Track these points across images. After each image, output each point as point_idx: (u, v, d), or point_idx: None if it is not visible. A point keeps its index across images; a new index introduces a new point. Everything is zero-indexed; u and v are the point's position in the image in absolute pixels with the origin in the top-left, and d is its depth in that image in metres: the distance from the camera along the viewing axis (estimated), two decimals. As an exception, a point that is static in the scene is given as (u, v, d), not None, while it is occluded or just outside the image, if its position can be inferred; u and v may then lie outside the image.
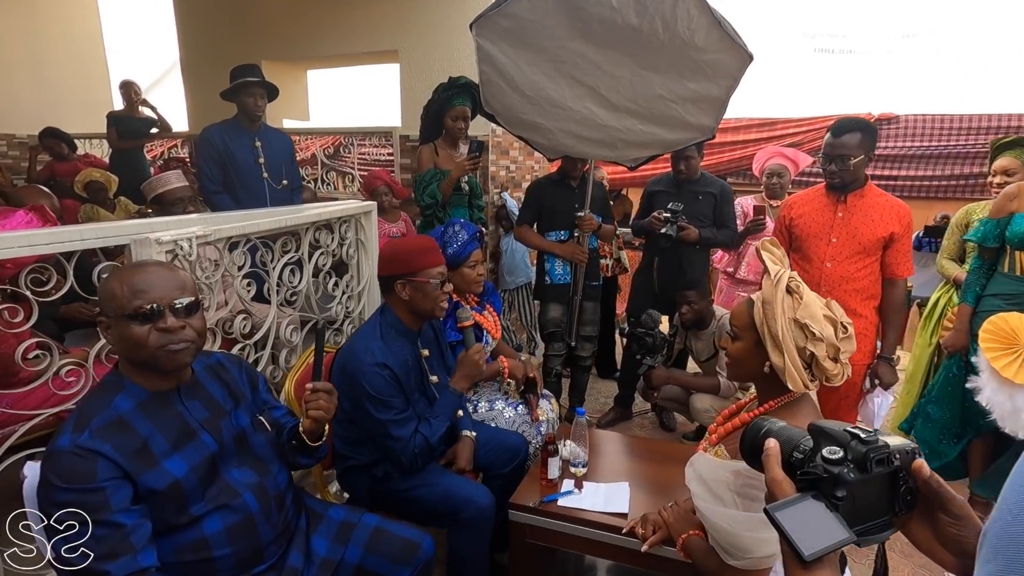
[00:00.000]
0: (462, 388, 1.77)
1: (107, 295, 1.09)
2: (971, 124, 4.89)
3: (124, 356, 1.13)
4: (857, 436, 0.60)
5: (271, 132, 3.12)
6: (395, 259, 1.73)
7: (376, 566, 1.36)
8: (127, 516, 1.02)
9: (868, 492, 0.58)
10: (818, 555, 0.52)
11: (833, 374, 1.16)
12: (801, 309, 1.16)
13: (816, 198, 2.25)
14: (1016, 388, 1.99)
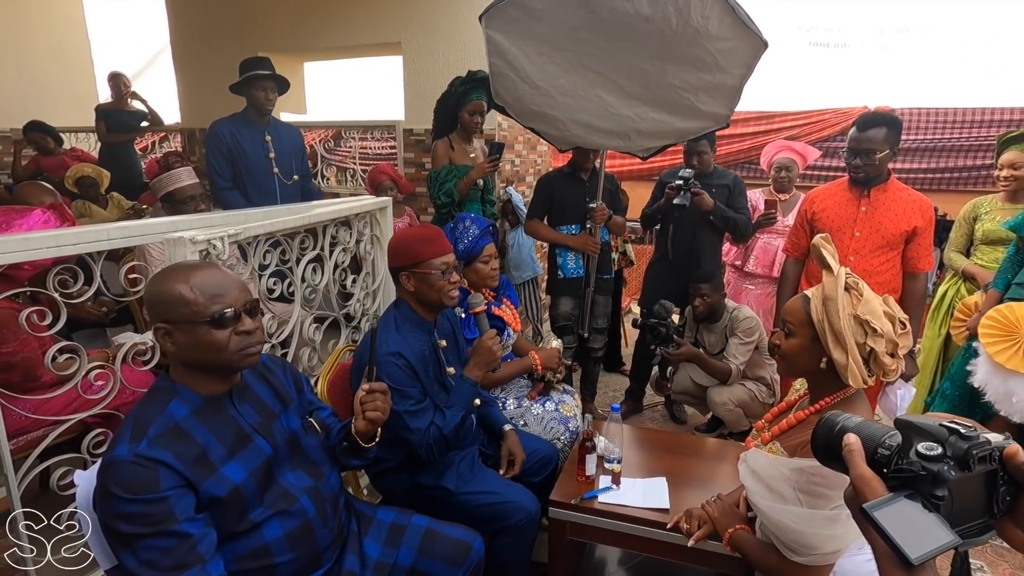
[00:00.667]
0: (476, 376, 1.72)
1: (174, 301, 1.05)
2: (965, 118, 4.99)
3: (193, 361, 1.09)
4: (957, 432, 0.55)
5: (281, 126, 3.06)
6: (397, 251, 1.71)
7: (430, 567, 1.35)
8: (192, 525, 0.99)
9: (967, 492, 0.55)
10: (925, 559, 0.49)
11: (891, 369, 1.18)
12: (862, 306, 1.16)
13: (839, 192, 2.27)
14: (1010, 374, 2.06)
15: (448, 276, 1.69)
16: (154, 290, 1.08)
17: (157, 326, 1.07)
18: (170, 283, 1.07)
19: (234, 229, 1.65)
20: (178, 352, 1.08)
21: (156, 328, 1.07)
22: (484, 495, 1.67)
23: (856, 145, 2.11)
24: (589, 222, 2.85)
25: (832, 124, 5.45)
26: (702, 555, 1.54)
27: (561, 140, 2.69)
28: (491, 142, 2.82)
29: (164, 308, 1.06)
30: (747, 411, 2.69)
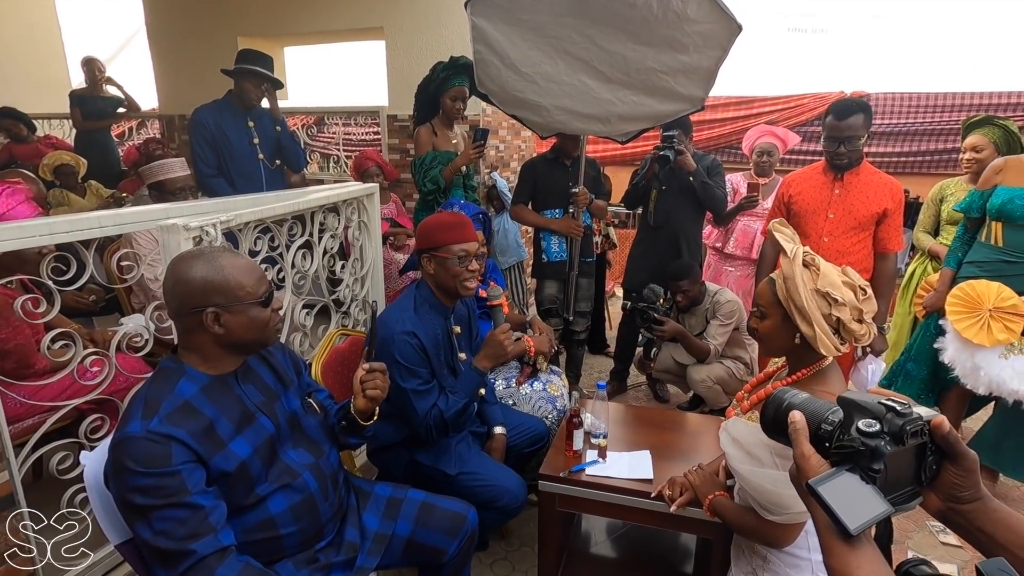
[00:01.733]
0: (485, 368, 1.79)
1: (231, 285, 1.12)
2: (936, 102, 5.12)
3: (238, 340, 1.16)
4: (893, 409, 0.59)
5: (264, 112, 3.04)
6: (423, 233, 1.76)
7: (426, 538, 1.41)
8: (204, 497, 1.04)
9: (899, 463, 0.59)
10: (862, 528, 0.53)
11: (861, 334, 1.25)
12: (820, 279, 1.23)
13: (813, 176, 2.36)
14: (977, 348, 2.18)
15: (466, 264, 1.73)
16: (203, 276, 1.11)
17: (207, 310, 1.11)
18: (222, 269, 1.13)
19: (225, 216, 1.67)
20: (226, 333, 1.13)
21: (205, 313, 1.11)
22: (476, 477, 1.74)
23: (838, 133, 2.19)
24: (572, 206, 2.91)
25: (810, 109, 5.55)
26: (684, 521, 1.63)
27: (543, 127, 2.73)
28: (476, 128, 2.84)
29: (214, 293, 1.11)
30: (725, 388, 2.79)
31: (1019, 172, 2.22)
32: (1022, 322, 2.12)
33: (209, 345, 1.14)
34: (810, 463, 0.60)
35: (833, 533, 0.54)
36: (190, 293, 1.11)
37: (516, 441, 2.00)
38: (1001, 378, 2.13)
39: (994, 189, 2.27)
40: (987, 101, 4.91)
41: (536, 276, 3.22)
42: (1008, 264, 2.23)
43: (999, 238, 2.26)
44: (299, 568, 1.20)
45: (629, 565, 2.03)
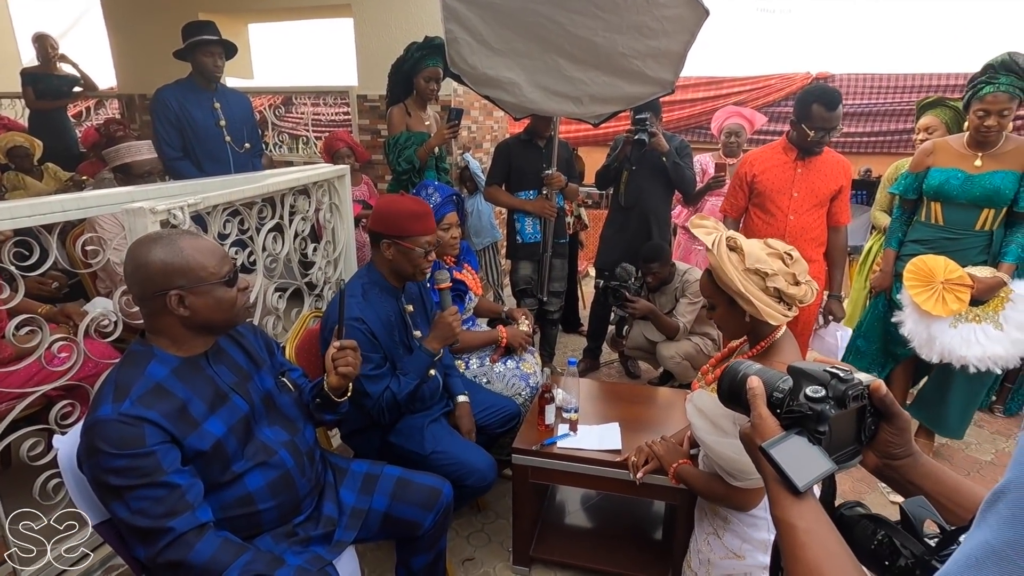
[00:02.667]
0: (434, 348, 1.81)
1: (193, 267, 1.12)
2: (899, 83, 5.27)
3: (205, 321, 1.16)
4: (836, 375, 0.64)
5: (229, 93, 2.97)
6: (387, 219, 1.74)
7: (403, 512, 1.45)
8: (180, 476, 1.06)
9: (842, 425, 0.64)
10: (809, 485, 0.58)
11: (802, 295, 1.31)
12: (747, 259, 1.29)
13: (774, 155, 2.43)
14: (932, 319, 2.30)
15: (428, 255, 1.76)
16: (162, 259, 1.11)
17: (170, 293, 1.11)
18: (181, 251, 1.13)
19: (193, 199, 1.65)
20: (192, 315, 1.14)
21: (168, 295, 1.11)
22: (446, 456, 1.78)
23: (826, 124, 2.27)
24: (546, 188, 2.94)
25: (777, 89, 5.65)
26: (651, 489, 1.72)
27: (516, 107, 2.74)
28: (450, 108, 2.84)
29: (177, 275, 1.12)
30: (693, 363, 2.89)
31: (948, 154, 2.34)
32: (969, 292, 2.25)
33: (176, 327, 1.15)
34: (766, 424, 0.65)
35: (780, 487, 0.59)
36: (151, 277, 1.11)
37: (489, 421, 2.04)
38: (952, 345, 2.26)
39: (927, 171, 2.38)
40: (943, 82, 5.07)
41: (510, 257, 3.25)
42: (950, 240, 2.35)
43: (939, 216, 2.38)
44: (278, 542, 1.23)
45: (601, 533, 2.11)
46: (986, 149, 2.26)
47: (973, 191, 2.26)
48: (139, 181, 2.37)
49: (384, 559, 1.98)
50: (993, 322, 2.26)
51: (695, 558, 1.56)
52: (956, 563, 0.40)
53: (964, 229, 2.33)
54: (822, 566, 0.53)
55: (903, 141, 5.31)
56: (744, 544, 1.43)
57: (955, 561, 0.40)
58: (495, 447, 2.12)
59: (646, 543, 2.06)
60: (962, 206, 2.30)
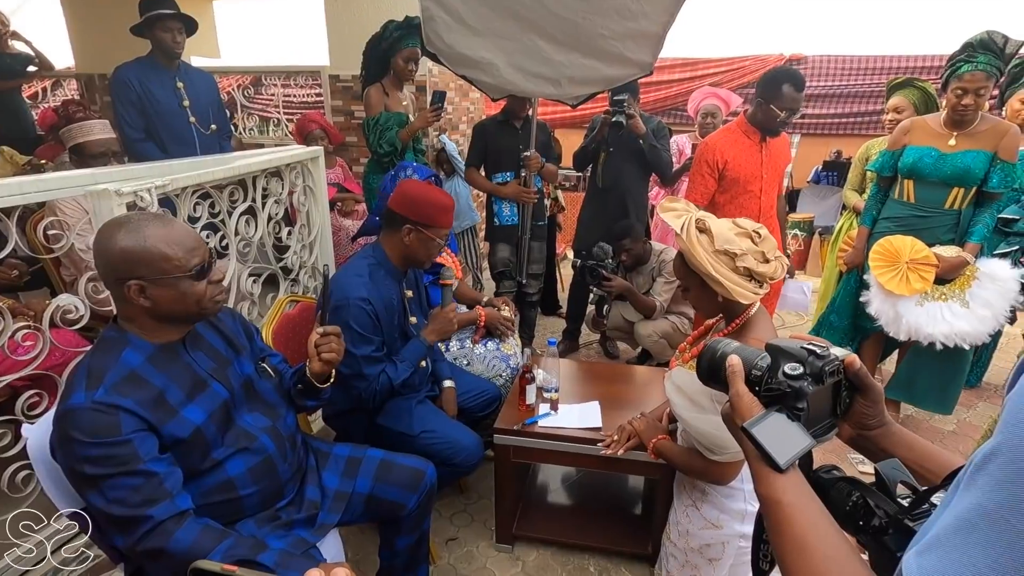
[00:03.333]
0: (431, 341, 1.84)
1: (154, 257, 1.07)
2: (869, 65, 5.35)
3: (169, 313, 1.12)
4: (814, 352, 0.65)
5: (193, 72, 2.86)
6: (418, 204, 1.72)
7: (386, 493, 1.45)
8: (158, 464, 1.04)
9: (819, 400, 0.65)
10: (790, 462, 0.59)
11: (772, 272, 1.33)
12: (716, 240, 1.30)
13: (740, 140, 2.47)
14: (898, 298, 2.38)
15: (442, 247, 1.77)
16: (122, 247, 1.06)
17: (129, 283, 1.06)
18: (144, 239, 1.07)
19: (160, 180, 1.60)
20: (153, 306, 1.09)
21: (127, 285, 1.06)
22: (435, 435, 1.79)
23: (795, 104, 2.31)
24: (524, 170, 2.93)
25: (751, 71, 5.70)
26: (630, 464, 1.75)
27: (494, 88, 2.70)
28: (434, 91, 2.78)
29: (139, 264, 1.06)
30: (670, 342, 2.94)
31: (925, 132, 2.39)
32: (934, 271, 2.32)
33: (142, 315, 1.11)
34: (744, 401, 0.66)
35: (762, 464, 0.61)
36: (111, 264, 1.06)
37: (470, 404, 2.05)
38: (918, 323, 2.34)
39: (903, 149, 2.44)
40: (913, 64, 5.17)
41: (489, 240, 3.24)
42: (920, 218, 2.42)
43: (911, 194, 2.44)
44: (260, 526, 1.22)
45: (582, 509, 2.15)
46: (962, 128, 2.31)
47: (944, 170, 2.31)
48: (95, 163, 2.28)
49: (368, 542, 1.98)
50: (960, 300, 2.34)
51: (674, 530, 1.60)
52: (946, 527, 0.41)
53: (934, 207, 2.39)
54: (807, 537, 0.54)
55: (873, 122, 5.42)
56: (721, 515, 1.47)
57: (945, 525, 0.41)
58: (476, 430, 2.13)
59: (626, 517, 2.10)
60: (933, 184, 2.36)
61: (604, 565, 1.94)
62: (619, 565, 1.94)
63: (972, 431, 2.77)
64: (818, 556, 0.53)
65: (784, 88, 2.29)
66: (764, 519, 0.60)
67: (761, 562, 0.72)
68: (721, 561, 1.50)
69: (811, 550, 0.53)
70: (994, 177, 2.28)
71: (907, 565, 0.43)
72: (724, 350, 0.73)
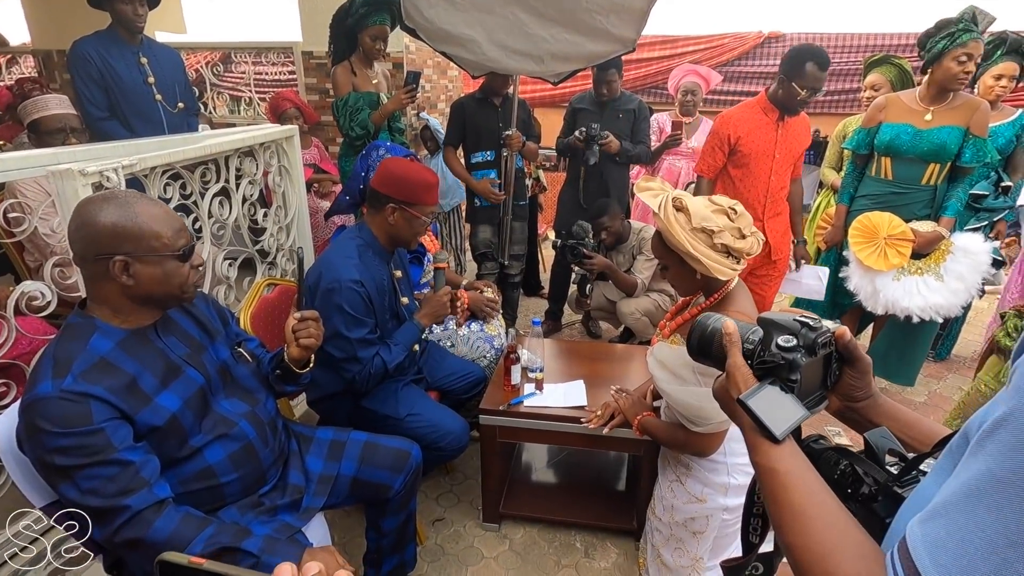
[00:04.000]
0: (425, 324, 1.83)
1: (144, 234, 1.04)
2: (846, 43, 5.37)
3: (149, 294, 1.08)
4: (807, 324, 0.65)
5: (157, 47, 2.73)
6: (401, 182, 1.68)
7: (372, 475, 1.44)
8: (132, 453, 1.01)
9: (811, 372, 0.65)
10: (786, 433, 0.59)
11: (749, 247, 1.34)
12: (693, 218, 1.31)
13: (755, 117, 2.43)
14: (876, 274, 2.42)
15: (427, 226, 1.74)
16: (112, 221, 1.02)
17: (115, 258, 1.03)
18: (135, 215, 1.04)
19: (128, 160, 1.53)
20: (135, 285, 1.06)
21: (112, 260, 1.03)
22: (421, 419, 1.77)
23: (817, 84, 2.26)
24: (504, 149, 2.89)
25: (730, 49, 5.68)
26: (615, 441, 1.76)
27: (475, 65, 2.64)
28: (409, 72, 2.70)
29: (127, 240, 1.03)
30: (652, 319, 2.95)
31: (900, 109, 2.42)
32: (911, 246, 2.37)
33: (117, 296, 1.07)
34: (741, 372, 0.66)
35: (758, 435, 0.61)
36: (96, 238, 1.02)
37: (455, 387, 2.04)
38: (895, 297, 2.39)
39: (879, 126, 2.46)
40: (889, 42, 5.20)
41: (470, 221, 3.20)
42: (898, 195, 2.45)
43: (889, 171, 2.47)
44: (243, 513, 1.20)
45: (568, 487, 2.17)
46: (939, 103, 2.33)
47: (921, 146, 2.34)
48: (54, 140, 2.18)
49: (355, 523, 1.97)
50: (935, 274, 2.39)
51: (659, 504, 1.63)
52: (953, 494, 0.40)
53: (911, 184, 2.42)
54: (805, 506, 0.54)
55: (850, 100, 5.46)
56: (705, 488, 1.50)
57: (951, 492, 0.41)
58: (461, 411, 2.12)
59: (611, 494, 2.13)
60: (911, 161, 2.39)
61: (590, 540, 1.97)
62: (605, 540, 1.97)
63: (942, 402, 2.86)
64: (819, 524, 0.52)
65: (808, 66, 2.24)
66: (761, 489, 0.60)
67: (751, 535, 0.73)
68: (705, 534, 1.53)
69: (811, 518, 0.53)
70: (967, 152, 2.32)
71: (911, 534, 0.43)
72: (715, 325, 0.73)
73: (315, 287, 1.64)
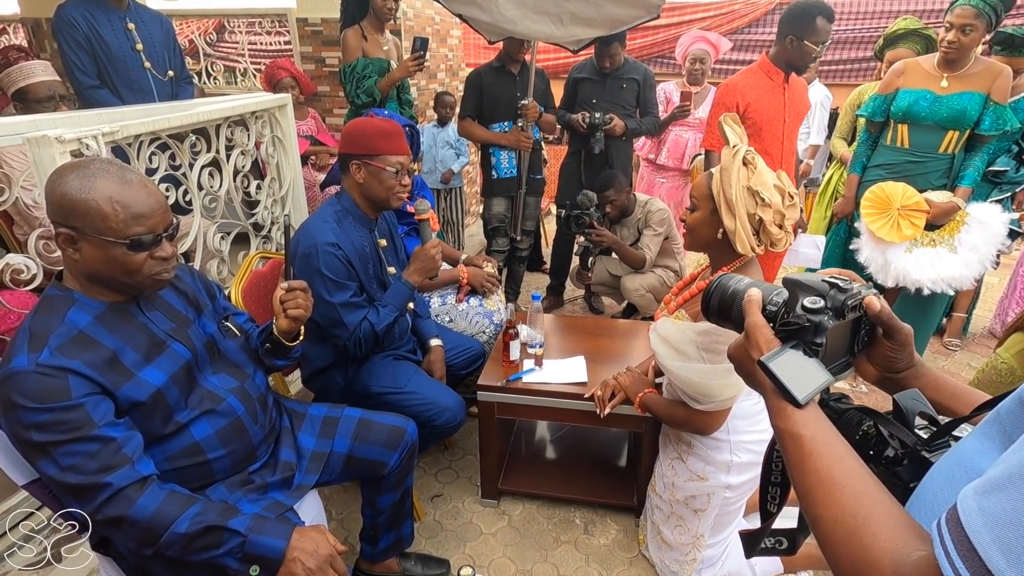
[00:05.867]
0: (415, 281, 1.75)
1: (89, 211, 0.96)
2: (861, 8, 5.17)
3: (97, 275, 1.02)
4: (836, 285, 0.62)
5: (145, 12, 2.63)
6: (354, 137, 1.63)
7: (366, 453, 1.41)
8: (114, 429, 0.97)
9: (837, 336, 0.62)
10: (808, 398, 0.56)
11: (778, 238, 1.29)
12: (755, 178, 1.26)
13: (761, 82, 2.34)
14: (887, 246, 2.35)
15: (400, 178, 1.65)
16: (63, 191, 0.96)
17: (60, 230, 0.97)
18: (89, 190, 0.96)
19: (108, 127, 1.47)
20: (82, 262, 1.00)
21: (58, 231, 0.97)
22: (415, 396, 1.72)
23: (828, 37, 2.19)
24: (521, 120, 2.81)
25: (741, 15, 5.49)
26: (616, 418, 1.72)
27: (492, 29, 2.54)
28: (415, 38, 2.60)
29: (73, 214, 0.96)
30: (656, 296, 2.90)
31: (918, 75, 2.32)
32: (924, 217, 2.29)
33: (76, 271, 1.02)
34: (762, 333, 0.62)
35: (779, 398, 0.57)
36: (52, 206, 0.97)
37: (454, 361, 2.00)
38: (907, 269, 2.32)
39: (896, 93, 2.36)
40: (908, 7, 5.00)
41: (485, 194, 3.14)
42: (914, 164, 2.37)
43: (905, 139, 2.38)
44: (232, 490, 1.17)
45: (568, 463, 2.15)
46: (954, 69, 2.24)
47: (940, 112, 2.25)
48: (42, 108, 2.11)
49: (352, 499, 1.96)
50: (948, 246, 2.32)
51: (660, 482, 1.60)
52: (1017, 467, 0.37)
53: (929, 152, 2.34)
54: (833, 473, 0.50)
55: (863, 70, 5.28)
56: (707, 467, 1.46)
57: (1011, 467, 0.37)
58: (460, 387, 2.09)
59: (612, 471, 2.11)
60: (929, 128, 2.30)
61: (590, 517, 1.95)
62: (604, 517, 1.95)
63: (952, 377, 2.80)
64: (849, 492, 0.48)
65: (818, 21, 2.18)
66: (784, 456, 0.56)
67: (769, 503, 0.70)
68: (706, 512, 1.50)
69: (840, 486, 0.49)
70: (986, 119, 2.23)
71: (965, 506, 0.39)
72: (736, 286, 0.69)
73: (294, 255, 1.59)
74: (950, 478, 0.48)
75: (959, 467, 0.48)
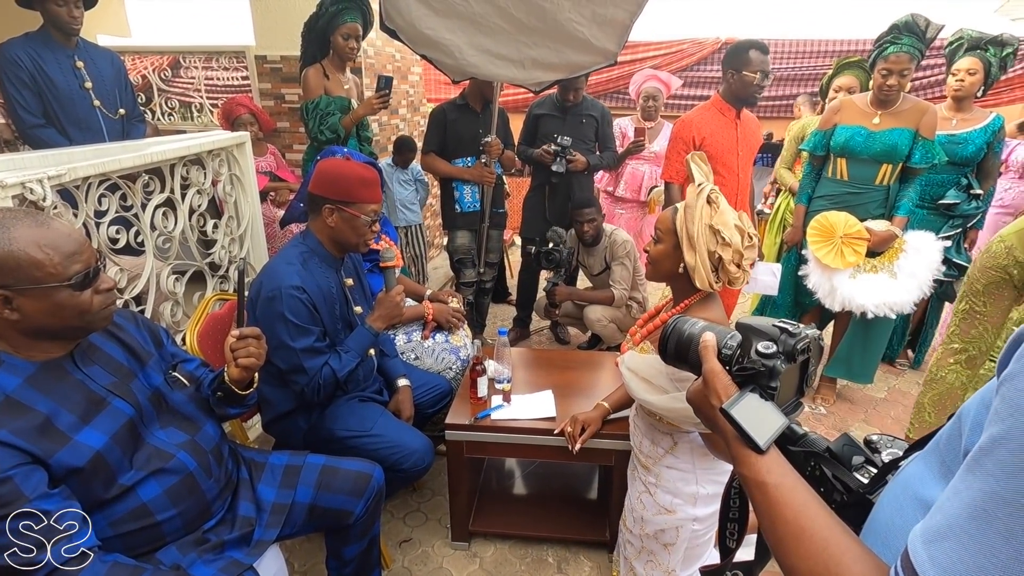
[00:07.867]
0: (378, 328, 1.73)
1: (22, 264, 0.91)
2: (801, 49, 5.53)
3: (44, 327, 0.97)
4: (786, 330, 0.63)
5: (94, 50, 2.57)
6: (333, 182, 1.60)
7: (330, 502, 1.35)
8: (47, 502, 0.90)
9: (789, 378, 0.64)
10: (769, 442, 0.57)
11: (735, 277, 1.33)
12: (717, 217, 1.30)
13: (714, 116, 2.45)
14: (833, 272, 2.47)
15: (373, 224, 1.64)
16: None
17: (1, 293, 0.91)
18: (9, 242, 0.91)
19: (55, 170, 1.41)
20: (22, 319, 0.94)
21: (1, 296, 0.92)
22: (381, 439, 1.68)
23: (765, 67, 2.31)
24: (484, 156, 2.85)
25: (689, 54, 5.77)
26: (586, 452, 1.71)
27: (456, 70, 2.58)
28: (379, 76, 2.62)
29: (1, 272, 0.91)
30: (619, 326, 2.94)
31: (853, 112, 2.48)
32: (865, 245, 2.42)
33: (11, 332, 0.97)
34: (720, 381, 0.63)
35: (742, 445, 0.58)
36: None
37: (422, 400, 1.96)
38: (852, 294, 2.44)
39: (834, 128, 2.51)
40: (844, 48, 5.37)
41: (448, 227, 3.15)
42: (853, 195, 2.51)
43: (844, 172, 2.52)
44: (185, 552, 1.10)
45: (539, 500, 2.12)
46: (886, 108, 2.40)
47: (874, 147, 2.40)
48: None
49: (315, 551, 1.88)
50: (888, 271, 2.45)
51: (630, 516, 1.59)
52: (960, 514, 0.39)
53: (866, 184, 2.48)
54: (800, 519, 0.51)
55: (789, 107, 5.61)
56: (675, 499, 1.46)
57: (954, 513, 0.39)
58: (427, 426, 2.05)
59: (583, 505, 2.09)
60: (864, 162, 2.45)
61: (563, 555, 1.92)
62: (578, 554, 1.92)
63: (902, 397, 2.93)
64: (817, 541, 0.49)
65: (751, 53, 2.31)
66: (752, 503, 0.57)
67: (728, 539, 0.70)
68: (676, 546, 1.50)
69: (808, 535, 0.50)
70: (916, 153, 2.39)
71: (916, 555, 0.41)
72: (691, 330, 0.71)
73: (256, 297, 1.55)
74: (899, 507, 0.51)
75: (905, 494, 0.51)
